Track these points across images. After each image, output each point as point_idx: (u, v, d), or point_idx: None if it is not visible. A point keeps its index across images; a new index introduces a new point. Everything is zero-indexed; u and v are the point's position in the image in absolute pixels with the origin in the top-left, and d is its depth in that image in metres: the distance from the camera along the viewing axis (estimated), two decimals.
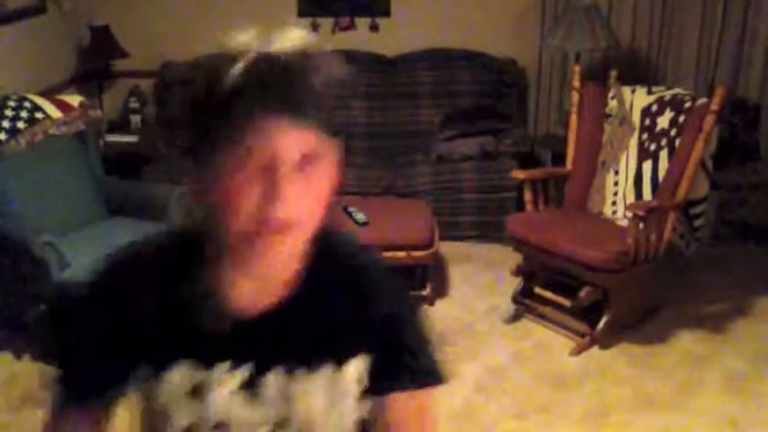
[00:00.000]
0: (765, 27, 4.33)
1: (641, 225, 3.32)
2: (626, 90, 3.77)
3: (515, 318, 3.66)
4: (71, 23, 4.77)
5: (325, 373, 1.03)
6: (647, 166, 3.61)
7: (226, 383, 1.01)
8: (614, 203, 3.72)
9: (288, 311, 1.00)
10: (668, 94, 3.65)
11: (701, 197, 3.60)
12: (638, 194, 3.62)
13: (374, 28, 4.84)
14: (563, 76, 4.76)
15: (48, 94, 3.97)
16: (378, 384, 1.05)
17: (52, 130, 3.63)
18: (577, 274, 3.40)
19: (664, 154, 3.55)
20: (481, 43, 4.75)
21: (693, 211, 3.63)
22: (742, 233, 4.35)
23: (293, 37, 0.91)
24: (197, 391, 1.01)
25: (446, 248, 4.04)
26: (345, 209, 3.76)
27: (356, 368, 1.04)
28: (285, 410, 1.03)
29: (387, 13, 4.82)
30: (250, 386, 1.02)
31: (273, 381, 1.02)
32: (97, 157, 3.89)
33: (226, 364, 1.00)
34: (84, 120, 3.79)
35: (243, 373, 1.01)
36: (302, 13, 4.83)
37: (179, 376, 1.00)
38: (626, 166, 3.70)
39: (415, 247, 3.61)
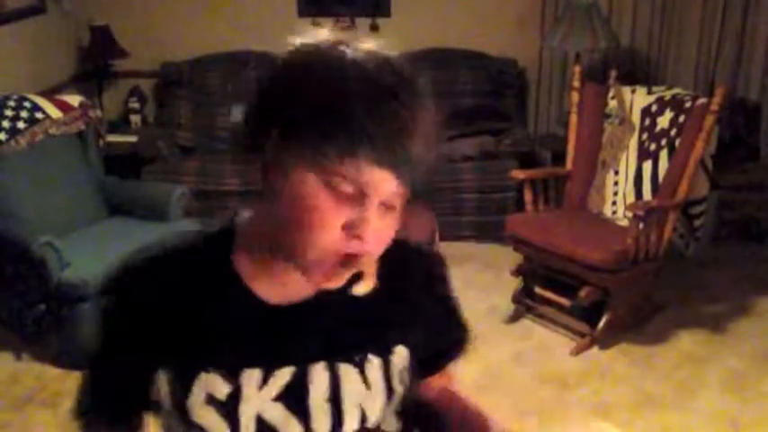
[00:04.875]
0: (765, 27, 4.33)
1: (641, 225, 3.32)
2: (626, 90, 3.77)
3: (515, 318, 3.66)
4: (71, 23, 4.77)
5: (372, 364, 0.96)
6: (647, 165, 3.61)
7: (263, 390, 0.92)
8: (614, 203, 3.72)
9: (325, 300, 0.93)
10: (668, 94, 3.64)
11: (701, 197, 3.60)
12: (638, 194, 3.62)
13: (374, 28, 4.84)
14: (563, 76, 4.75)
15: (48, 94, 3.97)
16: (429, 365, 1.07)
17: (52, 130, 3.63)
18: (577, 274, 3.40)
19: (664, 154, 3.55)
20: (481, 43, 4.75)
21: (693, 210, 3.63)
22: (742, 233, 4.35)
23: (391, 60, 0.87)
24: (231, 401, 0.91)
25: (446, 248, 4.03)
26: None
27: (401, 356, 1.00)
28: (333, 414, 0.94)
29: (387, 13, 4.82)
30: (291, 390, 0.92)
31: (316, 380, 0.93)
32: (97, 157, 3.89)
33: (258, 370, 0.92)
34: (85, 120, 3.79)
35: (282, 376, 0.92)
36: (302, 13, 4.83)
37: (208, 384, 0.91)
38: (626, 165, 3.70)
39: None
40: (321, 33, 0.89)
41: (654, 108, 3.64)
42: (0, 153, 3.40)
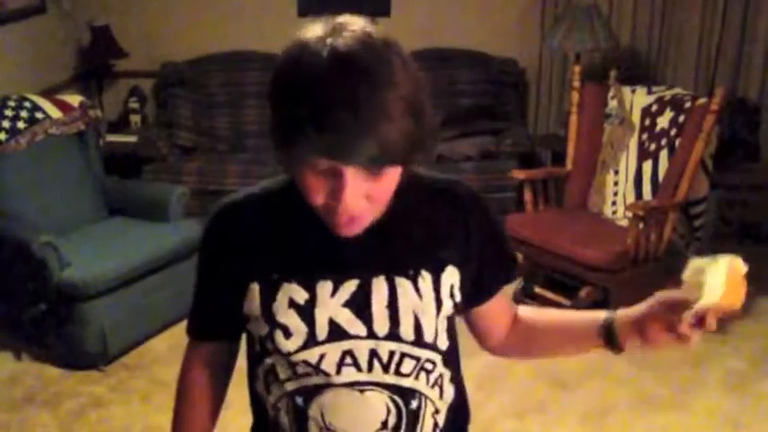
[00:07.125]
0: (765, 27, 4.33)
1: (641, 225, 3.32)
2: (626, 90, 3.77)
3: None
4: (71, 23, 4.77)
5: (424, 279, 1.14)
6: (647, 165, 3.61)
7: (334, 297, 1.12)
8: (614, 203, 3.72)
9: (384, 228, 1.11)
10: (668, 94, 3.65)
11: (700, 197, 3.60)
12: (638, 194, 3.62)
13: None
14: (563, 76, 4.75)
15: (48, 94, 3.97)
16: (483, 290, 1.24)
17: (52, 130, 3.63)
18: (577, 274, 3.40)
19: (664, 154, 3.55)
20: (481, 43, 4.75)
21: (693, 210, 3.63)
22: (741, 233, 4.35)
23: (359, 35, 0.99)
24: (308, 305, 1.12)
25: None
26: None
27: (451, 274, 1.16)
28: (392, 321, 1.13)
29: (387, 13, 4.82)
30: (357, 298, 1.12)
31: (377, 290, 1.12)
32: (97, 157, 3.89)
33: (329, 281, 1.12)
34: (84, 120, 3.79)
35: (349, 287, 1.12)
36: (302, 12, 4.82)
37: (290, 292, 1.12)
38: (626, 166, 3.70)
39: None
40: (313, 28, 1.03)
41: (654, 108, 3.64)
42: (0, 153, 3.40)
